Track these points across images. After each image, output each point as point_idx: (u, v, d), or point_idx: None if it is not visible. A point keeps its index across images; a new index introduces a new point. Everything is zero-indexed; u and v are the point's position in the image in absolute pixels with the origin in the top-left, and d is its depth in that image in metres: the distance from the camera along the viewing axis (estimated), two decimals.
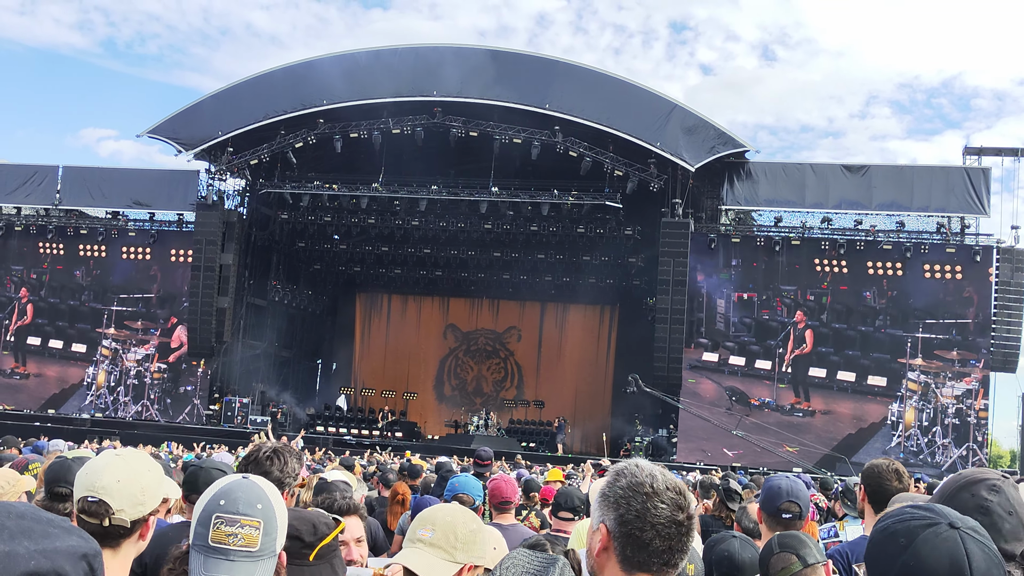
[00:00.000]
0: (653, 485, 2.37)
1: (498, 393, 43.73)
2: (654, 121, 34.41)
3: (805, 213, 34.99)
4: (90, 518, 2.77)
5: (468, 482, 5.83)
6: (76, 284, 40.11)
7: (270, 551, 2.37)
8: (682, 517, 2.36)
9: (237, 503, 2.36)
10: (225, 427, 35.57)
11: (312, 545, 3.07)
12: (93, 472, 2.85)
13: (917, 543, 1.82)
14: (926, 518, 1.88)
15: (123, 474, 2.83)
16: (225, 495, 2.39)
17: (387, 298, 46.10)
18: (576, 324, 43.86)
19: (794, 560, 3.89)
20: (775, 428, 33.12)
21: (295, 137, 36.40)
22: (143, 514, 2.84)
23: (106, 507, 2.77)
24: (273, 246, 41.12)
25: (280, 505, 2.44)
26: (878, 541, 1.91)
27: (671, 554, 2.36)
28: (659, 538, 2.34)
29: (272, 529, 2.38)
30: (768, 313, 34.38)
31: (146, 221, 40.19)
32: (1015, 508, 2.47)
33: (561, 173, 35.62)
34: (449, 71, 35.23)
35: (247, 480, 2.45)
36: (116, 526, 2.78)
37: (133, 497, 2.81)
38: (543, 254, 39.84)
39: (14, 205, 41.54)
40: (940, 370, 32.80)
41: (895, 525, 1.89)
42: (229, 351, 38.45)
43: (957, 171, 34.23)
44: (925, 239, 33.78)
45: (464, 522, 3.16)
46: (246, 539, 2.33)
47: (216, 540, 2.33)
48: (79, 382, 39.29)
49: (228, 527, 2.33)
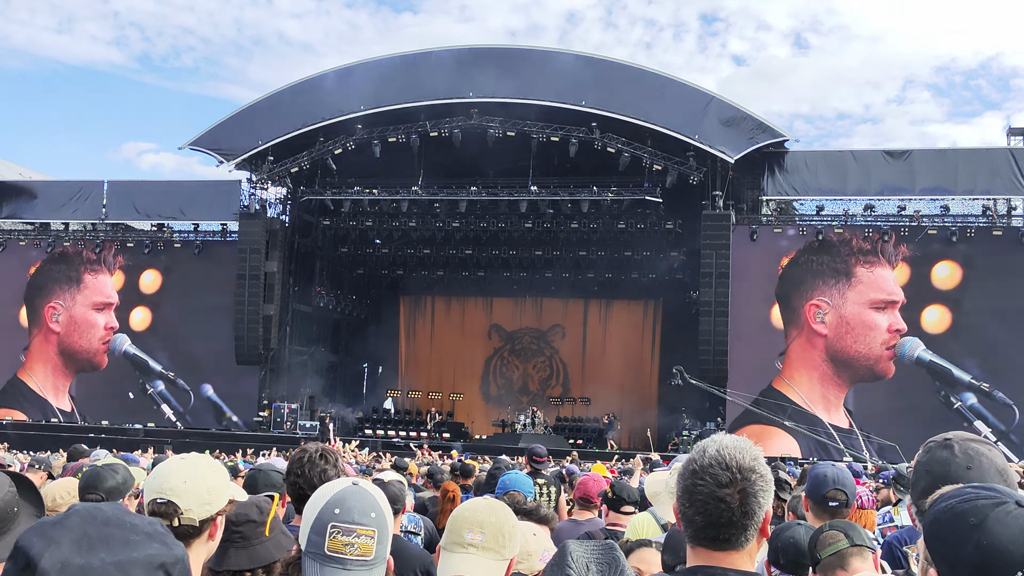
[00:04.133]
0: (700, 462, 2.42)
1: (544, 391, 43.71)
2: (692, 114, 34.26)
3: (847, 201, 34.69)
4: (160, 519, 2.86)
5: (519, 479, 5.88)
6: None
7: (382, 557, 2.43)
8: (725, 493, 2.36)
9: (352, 512, 2.41)
10: (275, 433, 35.87)
11: (263, 522, 3.29)
12: (161, 475, 2.95)
13: (989, 522, 1.77)
14: (992, 497, 1.83)
15: (189, 475, 2.93)
16: (339, 503, 2.43)
17: (431, 300, 46.23)
18: (620, 320, 43.75)
19: (841, 538, 3.92)
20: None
21: (334, 143, 36.58)
22: (211, 514, 2.93)
23: (175, 507, 2.87)
24: (316, 252, 41.40)
25: (388, 511, 2.50)
26: (944, 521, 1.86)
27: (717, 530, 2.38)
28: (699, 515, 2.39)
29: (384, 537, 2.43)
30: None
31: (191, 232, 40.68)
32: (931, 467, 2.60)
33: (600, 169, 35.55)
34: (484, 72, 35.31)
35: (359, 488, 2.50)
36: (185, 526, 2.87)
37: (200, 497, 2.90)
38: (584, 251, 39.77)
39: (62, 221, 42.18)
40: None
41: (961, 505, 1.85)
42: (276, 358, 38.80)
43: (1001, 152, 33.79)
44: (971, 223, 33.38)
45: (508, 518, 3.14)
46: (362, 548, 2.39)
47: (333, 549, 2.38)
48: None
49: (344, 536, 2.39)
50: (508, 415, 39.49)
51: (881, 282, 33.12)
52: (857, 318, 33.13)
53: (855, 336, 33.11)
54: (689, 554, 2.49)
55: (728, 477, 2.37)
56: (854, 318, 33.13)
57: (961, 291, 32.83)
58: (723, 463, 2.39)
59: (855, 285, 33.27)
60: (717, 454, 2.41)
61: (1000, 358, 31.94)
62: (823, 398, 33.30)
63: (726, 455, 2.40)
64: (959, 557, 1.80)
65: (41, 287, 41.09)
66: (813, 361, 33.50)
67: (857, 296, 33.24)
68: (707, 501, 2.37)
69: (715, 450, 2.42)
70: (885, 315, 32.90)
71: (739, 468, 2.39)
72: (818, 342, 33.39)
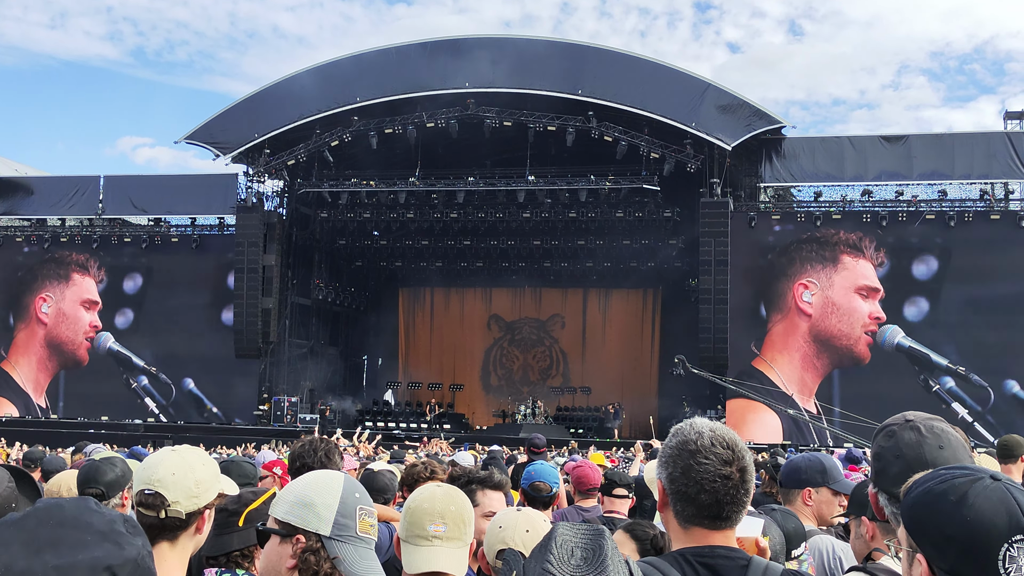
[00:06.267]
0: (699, 442, 2.46)
1: (544, 381, 43.68)
2: (688, 102, 34.21)
3: (845, 187, 34.69)
4: (147, 510, 2.87)
5: (544, 470, 5.86)
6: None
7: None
8: (729, 471, 2.42)
9: (365, 497, 2.62)
10: (275, 426, 35.89)
11: (238, 512, 3.37)
12: (150, 467, 2.94)
13: (970, 498, 1.80)
14: (967, 474, 1.87)
15: (178, 468, 2.91)
16: (358, 488, 2.61)
17: (429, 292, 46.20)
18: (619, 309, 43.76)
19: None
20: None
21: (330, 135, 36.54)
22: (198, 507, 2.92)
23: (161, 499, 2.86)
24: (314, 245, 41.35)
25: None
26: (925, 503, 1.88)
27: (720, 507, 2.44)
28: (704, 493, 2.42)
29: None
30: None
31: (188, 226, 40.63)
32: (902, 451, 2.59)
33: (597, 158, 35.52)
34: (479, 62, 35.25)
35: (348, 476, 2.67)
36: (172, 518, 2.87)
37: (188, 490, 2.89)
38: (583, 240, 39.73)
39: (59, 217, 42.13)
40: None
41: (939, 486, 1.87)
42: (276, 351, 38.78)
43: (998, 136, 33.81)
44: (968, 207, 33.37)
45: (464, 503, 3.12)
46: (375, 528, 2.61)
47: (363, 531, 2.54)
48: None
49: (370, 519, 2.58)
50: (509, 406, 39.53)
51: (865, 271, 33.44)
52: (843, 300, 33.41)
53: (839, 316, 33.41)
54: (678, 535, 2.49)
55: (730, 455, 2.44)
56: (840, 299, 33.40)
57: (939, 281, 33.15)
58: (723, 442, 2.45)
59: (841, 270, 33.52)
60: (714, 434, 2.47)
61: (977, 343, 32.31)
62: (800, 380, 33.57)
63: (722, 434, 2.47)
64: (945, 536, 1.82)
65: (31, 282, 41.06)
66: (796, 342, 33.70)
67: (843, 280, 33.52)
68: (713, 479, 2.41)
69: (710, 430, 2.48)
70: (867, 303, 33.22)
71: (735, 446, 2.46)
72: (802, 322, 33.59)
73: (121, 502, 4.35)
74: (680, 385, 35.66)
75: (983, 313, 32.17)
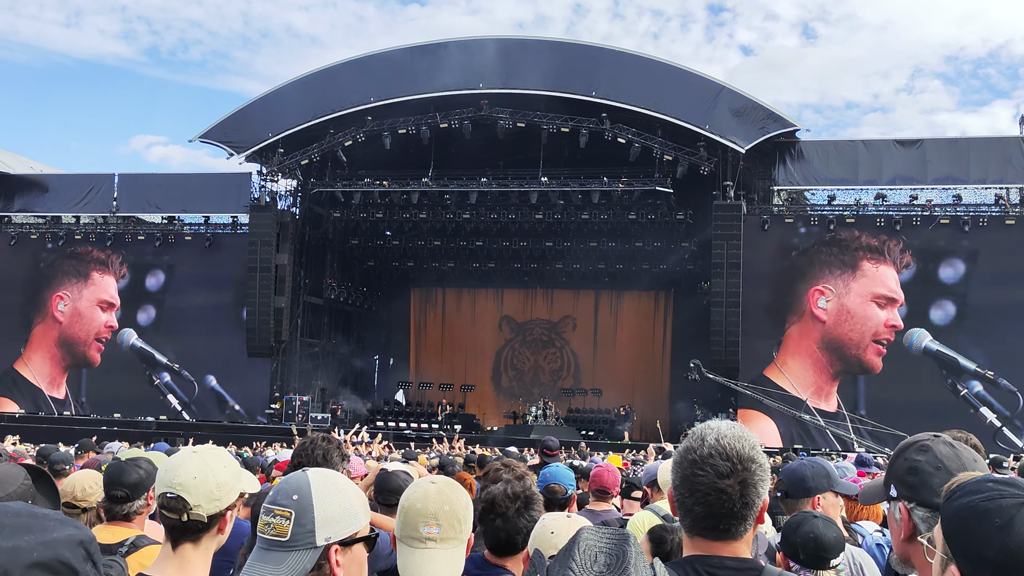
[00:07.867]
0: (699, 452, 2.38)
1: (555, 382, 43.63)
2: (702, 104, 34.14)
3: (859, 190, 34.55)
4: (170, 513, 2.87)
5: (560, 472, 5.84)
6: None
7: (305, 543, 2.37)
8: (726, 484, 2.33)
9: (277, 494, 2.43)
10: (287, 425, 35.91)
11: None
12: (171, 469, 2.93)
13: (1016, 524, 1.70)
14: (1016, 495, 1.77)
15: (199, 471, 2.91)
16: (276, 487, 2.48)
17: (441, 292, 46.21)
18: (631, 311, 43.68)
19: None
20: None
21: (344, 135, 36.57)
22: (219, 509, 2.92)
23: (184, 503, 2.85)
24: (327, 245, 41.39)
25: (326, 497, 2.42)
26: (967, 519, 1.79)
27: (716, 520, 2.36)
28: (699, 505, 2.36)
29: (307, 520, 2.37)
30: None
31: (201, 225, 40.71)
32: (943, 463, 2.50)
33: (610, 160, 35.48)
34: (493, 63, 35.25)
35: (300, 471, 2.50)
36: (194, 521, 2.87)
37: (209, 493, 2.89)
38: (595, 242, 39.68)
39: (73, 215, 42.25)
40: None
41: (984, 503, 1.78)
42: (288, 350, 38.84)
43: (1014, 141, 33.66)
44: (984, 212, 33.22)
45: (459, 501, 3.06)
46: (277, 528, 2.37)
47: (260, 530, 2.42)
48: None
49: (266, 516, 2.41)
50: (520, 407, 39.47)
51: (885, 278, 33.17)
52: (858, 308, 33.18)
53: (852, 324, 33.19)
54: (686, 543, 2.47)
55: (728, 467, 2.34)
56: (855, 308, 33.18)
57: (965, 284, 32.80)
58: (723, 453, 2.36)
59: (859, 277, 33.28)
60: (716, 443, 2.38)
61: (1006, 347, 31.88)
62: (814, 384, 33.46)
63: (726, 445, 2.37)
64: (983, 557, 1.74)
65: (50, 279, 41.16)
66: (808, 347, 33.56)
67: (860, 288, 33.26)
68: (708, 492, 2.34)
69: (714, 439, 2.39)
70: (884, 311, 33.00)
71: (739, 458, 2.36)
72: (816, 328, 33.46)
73: (146, 503, 4.36)
74: (692, 388, 35.58)
75: (1011, 317, 31.81)
